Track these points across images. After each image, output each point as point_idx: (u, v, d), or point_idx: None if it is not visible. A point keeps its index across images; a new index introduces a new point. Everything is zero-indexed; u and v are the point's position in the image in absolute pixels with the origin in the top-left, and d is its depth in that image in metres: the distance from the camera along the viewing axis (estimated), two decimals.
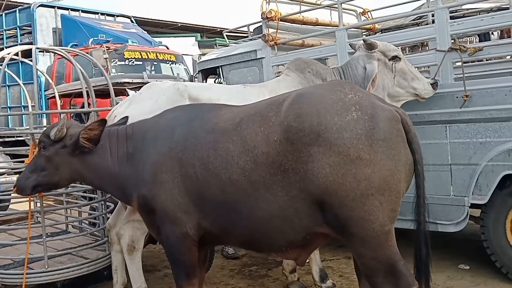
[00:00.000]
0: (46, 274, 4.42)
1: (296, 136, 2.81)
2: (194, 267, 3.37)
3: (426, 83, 4.46)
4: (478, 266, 5.15)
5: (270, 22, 5.90)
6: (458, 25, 4.65)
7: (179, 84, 4.58)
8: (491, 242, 4.75)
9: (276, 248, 3.20)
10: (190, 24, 23.02)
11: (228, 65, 6.36)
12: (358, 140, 2.71)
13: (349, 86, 2.97)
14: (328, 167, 2.73)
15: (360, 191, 2.70)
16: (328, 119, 2.77)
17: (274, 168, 2.87)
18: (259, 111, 3.05)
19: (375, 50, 4.44)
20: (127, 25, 13.87)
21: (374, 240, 2.76)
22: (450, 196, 4.78)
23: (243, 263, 5.90)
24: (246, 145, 2.95)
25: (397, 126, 2.81)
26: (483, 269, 5.03)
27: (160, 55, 11.32)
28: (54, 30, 12.84)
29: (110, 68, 9.75)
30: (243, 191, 2.96)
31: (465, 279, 4.94)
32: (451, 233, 4.92)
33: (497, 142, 4.46)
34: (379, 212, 2.72)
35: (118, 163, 3.45)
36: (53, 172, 3.52)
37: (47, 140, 3.48)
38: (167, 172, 3.17)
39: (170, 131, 3.26)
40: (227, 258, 6.08)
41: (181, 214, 3.18)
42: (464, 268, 5.22)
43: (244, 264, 5.85)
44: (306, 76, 4.57)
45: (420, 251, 2.95)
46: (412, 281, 2.81)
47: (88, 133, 3.40)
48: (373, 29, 6.99)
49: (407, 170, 2.83)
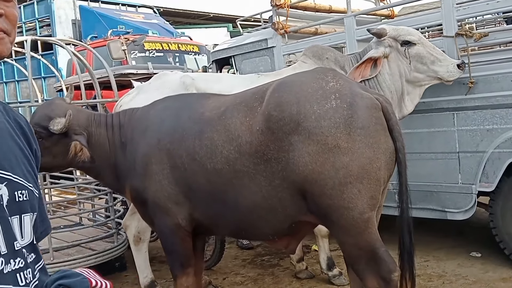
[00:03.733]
0: (52, 266, 4.45)
1: (277, 125, 2.83)
2: (188, 257, 3.42)
3: (451, 65, 4.21)
4: (490, 253, 5.09)
5: (280, 9, 5.81)
6: (464, 9, 4.55)
7: (186, 77, 4.60)
8: (499, 230, 4.69)
9: (263, 236, 3.26)
10: (222, 15, 22.96)
11: (240, 54, 6.34)
12: (336, 129, 2.72)
13: (331, 74, 2.97)
14: (307, 155, 2.75)
15: (339, 180, 2.72)
16: (307, 108, 2.78)
17: (257, 158, 2.90)
18: (245, 100, 3.08)
19: (385, 38, 4.38)
20: (148, 15, 13.61)
21: (354, 227, 2.78)
22: (458, 184, 4.73)
23: (256, 253, 5.95)
24: (230, 135, 2.99)
25: (377, 114, 2.80)
26: (494, 256, 4.96)
27: (183, 46, 11.14)
28: (74, 22, 12.67)
29: (130, 60, 9.67)
30: (227, 181, 3.00)
31: (475, 266, 4.89)
32: (465, 221, 4.88)
33: (503, 129, 4.39)
34: (358, 200, 2.73)
35: (114, 153, 3.49)
36: (50, 160, 3.45)
37: (45, 132, 3.38)
38: (157, 164, 3.22)
39: (159, 123, 3.31)
40: (241, 248, 6.13)
41: (172, 205, 3.23)
42: (475, 255, 5.16)
43: (257, 254, 5.89)
44: (324, 63, 4.50)
45: (403, 239, 2.94)
46: (394, 268, 2.82)
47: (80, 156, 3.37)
48: (392, 16, 6.84)
49: (387, 158, 2.82)
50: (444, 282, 4.58)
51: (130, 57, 9.59)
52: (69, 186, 6.47)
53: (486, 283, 4.47)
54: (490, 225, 4.84)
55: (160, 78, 4.69)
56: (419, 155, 4.97)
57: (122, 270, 5.43)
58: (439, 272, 4.81)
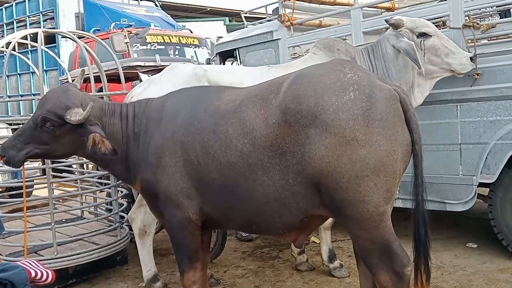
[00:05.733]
0: (56, 261, 4.47)
1: (294, 118, 2.78)
2: (196, 251, 3.37)
3: (464, 58, 4.23)
4: (486, 244, 5.15)
5: (286, 2, 5.83)
6: (472, 1, 4.54)
7: (198, 68, 4.56)
8: (498, 221, 4.75)
9: (274, 230, 3.21)
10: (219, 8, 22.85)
11: (245, 47, 6.32)
12: (354, 121, 2.67)
13: (349, 65, 2.92)
14: (324, 148, 2.71)
15: (355, 173, 2.68)
16: (326, 100, 2.74)
17: (272, 151, 2.86)
18: (260, 93, 3.02)
19: (402, 29, 4.31)
20: (150, 9, 13.65)
21: (368, 221, 2.74)
22: (459, 176, 4.76)
23: (256, 245, 5.95)
24: (244, 128, 2.94)
25: (395, 105, 2.77)
26: (491, 247, 5.03)
27: (183, 39, 11.17)
28: (77, 15, 12.65)
29: (132, 53, 9.67)
30: (241, 175, 2.95)
31: (472, 257, 4.94)
32: (460, 212, 4.91)
33: (507, 121, 4.42)
34: (373, 193, 2.70)
35: (127, 143, 3.40)
36: (59, 148, 3.36)
37: (60, 121, 3.21)
38: (170, 156, 3.16)
39: (175, 115, 3.24)
40: (240, 240, 6.12)
41: (184, 199, 3.18)
42: (472, 246, 5.23)
43: (256, 246, 5.90)
44: (335, 54, 4.48)
45: (418, 231, 2.91)
46: (407, 262, 2.80)
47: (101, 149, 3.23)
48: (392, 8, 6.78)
49: (404, 150, 2.79)
50: (442, 273, 4.63)
51: (132, 50, 9.55)
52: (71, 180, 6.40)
53: (484, 274, 4.52)
54: (488, 216, 4.88)
55: (171, 70, 4.64)
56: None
57: (124, 263, 5.38)
58: (437, 263, 4.84)
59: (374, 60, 4.35)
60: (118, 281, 5.03)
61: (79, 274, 4.86)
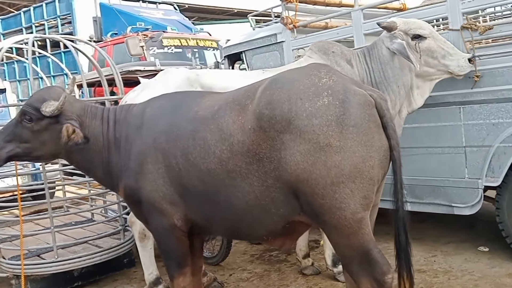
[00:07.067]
0: (57, 264, 4.51)
1: (268, 123, 2.78)
2: (185, 257, 3.37)
3: (462, 59, 4.15)
4: (497, 248, 5.03)
5: (289, 4, 5.77)
6: (470, 2, 4.47)
7: (190, 73, 4.57)
8: (506, 224, 4.65)
9: (258, 237, 3.22)
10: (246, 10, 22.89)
11: (251, 50, 6.31)
12: (328, 127, 2.65)
13: (325, 70, 2.89)
14: (299, 154, 2.70)
15: (331, 179, 2.66)
16: (299, 105, 2.72)
17: (250, 157, 2.85)
18: (237, 98, 3.02)
19: (395, 31, 4.27)
20: (168, 12, 13.73)
21: (346, 228, 2.72)
22: (465, 179, 4.67)
23: (265, 248, 5.93)
24: (222, 134, 2.93)
25: (370, 111, 2.73)
26: (502, 251, 4.91)
27: (201, 41, 11.20)
28: (95, 19, 12.84)
29: (148, 56, 9.72)
30: (220, 181, 2.95)
31: (481, 261, 4.85)
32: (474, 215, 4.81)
33: (509, 123, 4.32)
34: (350, 200, 2.67)
35: (108, 148, 3.41)
36: (38, 146, 3.35)
37: (36, 114, 3.25)
38: (152, 163, 3.16)
39: (155, 121, 3.26)
40: (250, 243, 6.12)
41: (167, 206, 3.18)
42: (483, 250, 5.12)
43: (266, 249, 5.88)
44: (330, 57, 4.43)
45: (399, 238, 2.88)
46: (387, 269, 2.76)
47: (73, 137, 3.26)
48: (403, 9, 6.64)
49: (381, 156, 2.75)
50: (450, 278, 4.55)
51: (148, 53, 9.64)
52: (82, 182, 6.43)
53: (492, 278, 4.43)
54: (497, 220, 4.77)
55: (164, 75, 4.67)
56: (426, 149, 4.95)
57: (131, 266, 5.45)
58: (445, 267, 4.77)
59: (370, 62, 4.30)
60: (125, 283, 5.10)
61: (84, 276, 4.93)
